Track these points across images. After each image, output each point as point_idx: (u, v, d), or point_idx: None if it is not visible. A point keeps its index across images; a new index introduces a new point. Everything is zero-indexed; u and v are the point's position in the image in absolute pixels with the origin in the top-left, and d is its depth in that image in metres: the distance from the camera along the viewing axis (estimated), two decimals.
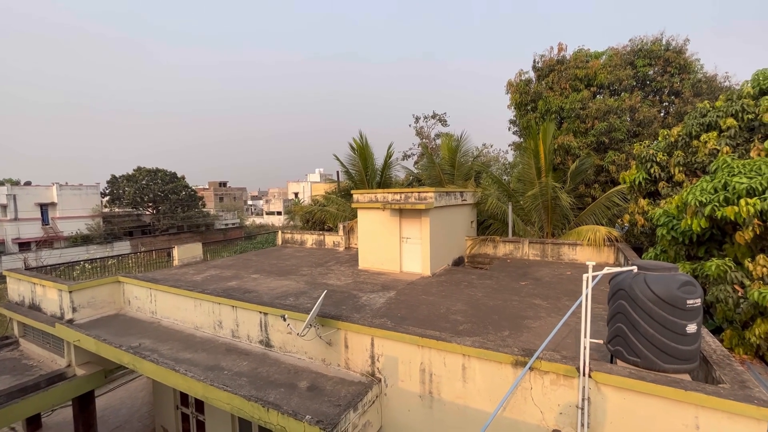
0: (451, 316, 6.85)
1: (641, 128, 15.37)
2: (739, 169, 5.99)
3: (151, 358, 6.01)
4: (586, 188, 15.55)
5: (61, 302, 8.42)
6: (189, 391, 5.51)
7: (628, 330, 3.95)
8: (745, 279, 5.83)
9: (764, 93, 8.10)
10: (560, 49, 17.48)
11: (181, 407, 9.18)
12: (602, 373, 3.74)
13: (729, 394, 3.29)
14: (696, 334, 3.75)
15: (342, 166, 18.47)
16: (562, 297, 7.87)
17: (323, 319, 5.60)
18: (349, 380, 5.28)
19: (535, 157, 13.26)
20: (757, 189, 5.57)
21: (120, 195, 47.19)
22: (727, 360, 3.99)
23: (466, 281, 9.45)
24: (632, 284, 3.95)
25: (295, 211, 26.00)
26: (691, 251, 7.34)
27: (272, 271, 11.01)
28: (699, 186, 6.35)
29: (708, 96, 14.86)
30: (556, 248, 11.71)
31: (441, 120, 29.29)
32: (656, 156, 9.12)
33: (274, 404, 4.58)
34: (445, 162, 17.02)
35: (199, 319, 7.39)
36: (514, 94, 17.93)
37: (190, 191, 51.86)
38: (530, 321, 6.57)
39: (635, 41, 17.31)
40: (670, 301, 3.71)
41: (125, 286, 8.91)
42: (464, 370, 4.53)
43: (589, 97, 16.20)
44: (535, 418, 4.12)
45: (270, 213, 71.38)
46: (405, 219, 10.66)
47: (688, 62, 16.22)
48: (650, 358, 3.79)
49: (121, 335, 7.47)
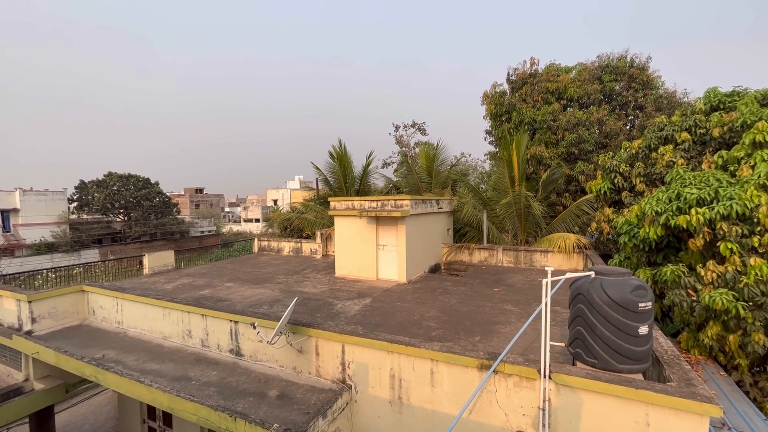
0: (425, 323, 6.94)
1: (608, 140, 16.10)
2: (690, 181, 6.40)
3: (114, 370, 5.80)
4: (557, 197, 16.10)
5: (19, 313, 8.02)
6: (154, 402, 5.35)
7: (586, 332, 4.15)
8: (697, 284, 6.19)
9: (714, 109, 8.70)
10: (532, 63, 18.18)
11: (148, 421, 8.85)
12: (561, 375, 3.90)
13: (675, 391, 3.49)
14: (648, 335, 3.97)
15: (320, 174, 18.46)
16: (533, 302, 8.10)
17: (294, 327, 5.58)
18: (320, 387, 5.27)
19: (509, 167, 13.66)
20: (706, 199, 5.96)
21: (89, 201, 45.29)
22: (676, 360, 4.23)
23: (441, 288, 9.58)
24: (590, 289, 4.15)
25: (274, 219, 25.68)
26: (651, 258, 7.74)
27: (247, 280, 10.84)
28: (655, 196, 6.74)
29: (668, 111, 15.75)
30: (529, 255, 12.05)
31: (420, 129, 29.78)
32: (619, 167, 9.60)
33: (241, 414, 4.51)
34: (423, 170, 17.28)
35: (168, 328, 7.20)
36: (490, 105, 18.48)
37: (164, 197, 50.37)
38: (501, 326, 6.74)
39: (602, 57, 18.20)
40: (623, 304, 3.92)
41: (90, 295, 8.58)
42: (432, 375, 4.61)
43: (560, 110, 16.88)
44: (500, 420, 4.23)
45: (248, 220, 70.10)
46: (381, 226, 10.75)
47: (651, 79, 17.17)
48: (606, 359, 3.98)
49: (84, 347, 7.17)
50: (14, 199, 40.00)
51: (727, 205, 5.80)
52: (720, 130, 7.96)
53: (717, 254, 6.28)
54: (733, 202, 5.80)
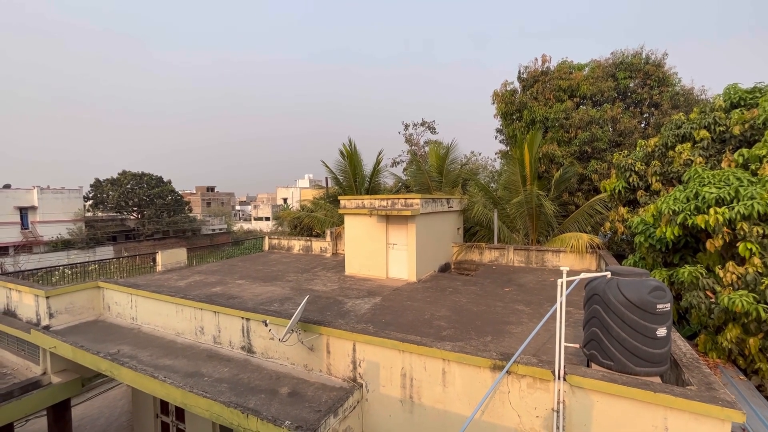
0: (435, 322, 6.90)
1: (622, 138, 15.80)
2: (709, 180, 6.23)
3: (129, 365, 5.90)
4: (569, 196, 15.86)
5: (37, 308, 8.21)
6: (167, 398, 5.43)
7: (602, 334, 4.06)
8: (716, 285, 6.03)
9: (735, 106, 8.46)
10: (544, 61, 17.92)
11: (161, 416, 8.99)
12: (576, 377, 3.83)
13: (695, 395, 3.40)
14: (666, 337, 3.88)
15: (330, 173, 18.50)
16: (545, 303, 7.99)
17: (305, 325, 5.59)
18: (331, 386, 5.28)
19: (521, 166, 13.51)
20: (725, 198, 5.80)
21: (104, 199, 46.29)
22: (696, 363, 4.13)
23: (451, 287, 9.52)
24: (606, 289, 4.06)
25: (283, 217, 25.85)
26: (668, 258, 7.57)
27: (258, 277, 10.92)
28: (672, 195, 6.58)
29: (685, 108, 15.38)
30: (540, 255, 11.90)
31: (430, 127, 29.61)
32: (635, 165, 9.40)
33: (253, 410, 4.55)
34: (434, 169, 17.19)
35: (181, 325, 7.29)
36: (500, 104, 18.27)
37: (176, 196, 51.17)
38: (512, 327, 6.66)
39: (617, 54, 17.85)
40: (641, 305, 3.83)
41: (105, 291, 8.74)
42: (444, 375, 4.58)
43: (573, 108, 16.61)
44: (513, 421, 4.18)
45: (258, 218, 70.72)
46: (391, 225, 10.72)
47: (667, 75, 16.79)
48: (622, 361, 3.90)
49: (99, 342, 7.31)
50: (32, 197, 41.07)
51: (748, 205, 5.63)
52: (741, 127, 7.73)
53: (736, 255, 6.10)
54: (755, 201, 5.63)
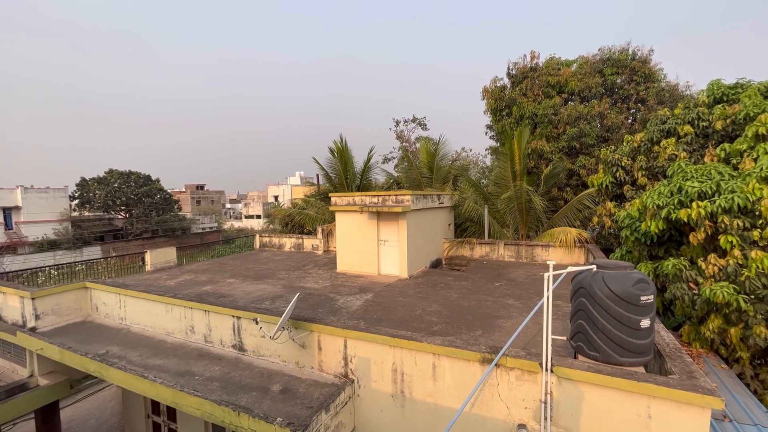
0: (427, 317, 6.96)
1: (610, 134, 16.02)
2: (692, 174, 6.37)
3: (118, 366, 5.85)
4: (558, 191, 16.06)
5: (23, 309, 8.07)
6: (158, 397, 5.39)
7: (588, 326, 4.15)
8: (699, 277, 6.18)
9: (718, 102, 8.64)
10: (533, 57, 18.05)
11: (153, 416, 8.92)
12: (563, 368, 3.91)
13: (677, 384, 3.51)
14: (649, 328, 3.98)
15: (322, 170, 18.43)
16: (534, 297, 8.11)
17: (296, 322, 5.60)
18: (323, 382, 5.30)
19: (511, 161, 13.62)
20: (707, 192, 5.94)
21: (90, 198, 45.39)
22: (678, 353, 4.24)
23: (442, 283, 9.60)
24: (591, 282, 4.15)
25: (275, 215, 25.71)
26: (653, 251, 7.72)
27: (249, 276, 10.87)
28: (657, 190, 6.71)
29: (670, 104, 15.65)
30: (530, 250, 12.04)
31: (421, 124, 29.68)
32: (621, 160, 9.55)
33: (245, 408, 4.55)
34: (424, 165, 17.23)
35: (171, 324, 7.24)
36: (490, 100, 18.38)
37: (165, 194, 50.41)
38: (502, 320, 6.75)
39: (604, 50, 18.06)
40: (625, 297, 3.92)
41: (93, 291, 8.62)
42: (434, 369, 4.63)
43: (561, 104, 16.79)
44: (502, 413, 4.25)
45: (249, 216, 70.14)
46: (382, 222, 10.75)
47: (653, 72, 17.04)
48: (608, 352, 3.99)
49: (87, 343, 7.22)
50: (16, 197, 40.09)
51: (728, 198, 5.77)
52: (723, 122, 7.91)
53: (718, 247, 6.26)
54: (735, 195, 5.77)
